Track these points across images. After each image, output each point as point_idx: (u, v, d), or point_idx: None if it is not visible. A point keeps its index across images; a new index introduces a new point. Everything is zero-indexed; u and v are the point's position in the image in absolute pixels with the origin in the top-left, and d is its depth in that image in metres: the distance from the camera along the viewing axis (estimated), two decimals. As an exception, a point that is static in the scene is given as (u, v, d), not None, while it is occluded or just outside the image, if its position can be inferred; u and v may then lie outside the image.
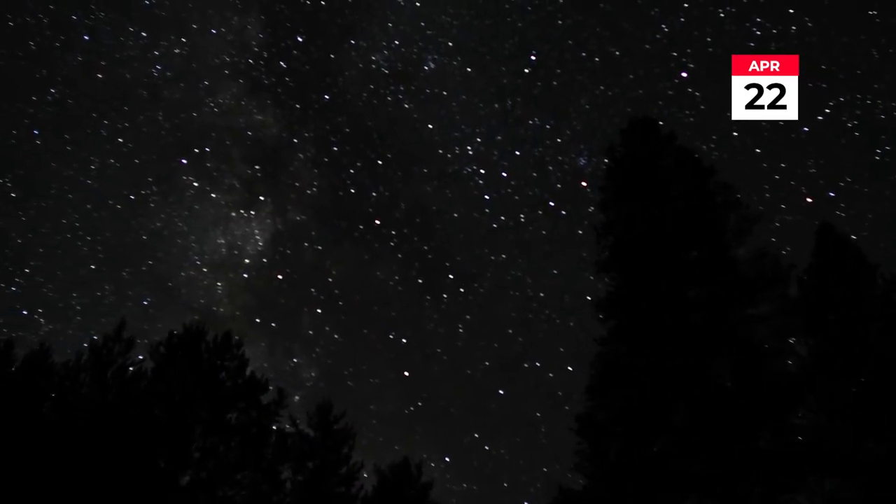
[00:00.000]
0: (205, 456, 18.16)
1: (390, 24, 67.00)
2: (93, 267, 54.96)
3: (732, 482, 15.31)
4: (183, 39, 63.98)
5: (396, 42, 66.73)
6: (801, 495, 15.86)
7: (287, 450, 18.89)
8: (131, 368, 18.46)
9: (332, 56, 68.57)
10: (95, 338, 18.83)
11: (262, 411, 18.62)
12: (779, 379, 15.98)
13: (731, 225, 16.35)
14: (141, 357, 18.94)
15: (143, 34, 62.01)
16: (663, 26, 52.40)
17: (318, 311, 59.18)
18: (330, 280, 63.64)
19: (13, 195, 54.53)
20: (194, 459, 18.18)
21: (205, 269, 59.38)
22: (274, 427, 18.71)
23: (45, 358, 18.83)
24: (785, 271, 16.18)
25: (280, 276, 61.17)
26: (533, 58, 58.62)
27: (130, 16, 63.71)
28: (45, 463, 16.73)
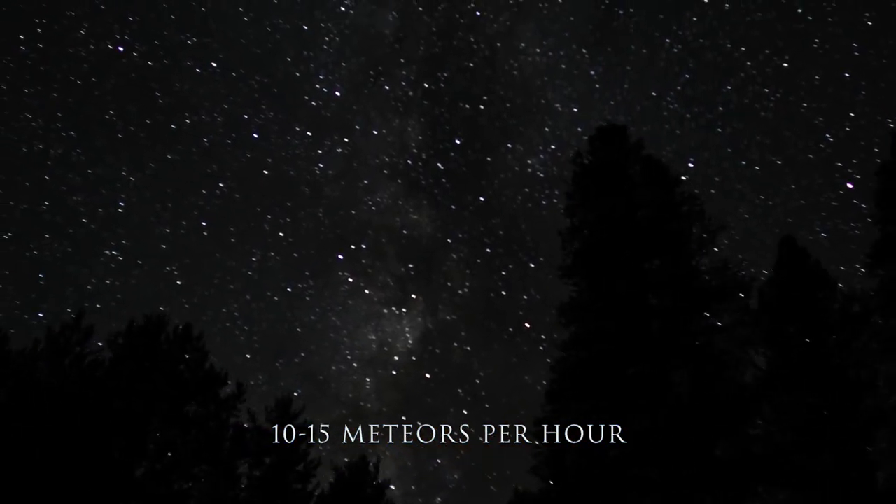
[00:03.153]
0: (161, 448, 17.92)
1: (547, 129, 66.25)
2: (248, 356, 55.42)
3: (686, 490, 15.41)
4: (346, 139, 66.20)
5: (553, 146, 65.10)
6: (754, 505, 16.03)
7: (245, 444, 18.75)
8: (89, 358, 18.11)
9: (489, 158, 68.52)
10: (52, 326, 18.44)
11: (220, 405, 18.43)
12: (736, 389, 16.10)
13: (695, 235, 16.44)
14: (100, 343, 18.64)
15: (308, 133, 64.68)
16: (827, 135, 50.81)
17: (464, 412, 57.06)
18: (477, 381, 61.74)
19: (178, 283, 55.35)
20: (150, 451, 17.93)
21: (355, 364, 60.18)
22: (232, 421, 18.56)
23: (2, 345, 18.42)
24: (746, 283, 16.30)
25: (428, 375, 59.73)
26: (691, 165, 55.40)
27: (297, 116, 65.66)
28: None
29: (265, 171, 62.05)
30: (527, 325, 64.04)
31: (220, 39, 62.32)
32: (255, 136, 61.74)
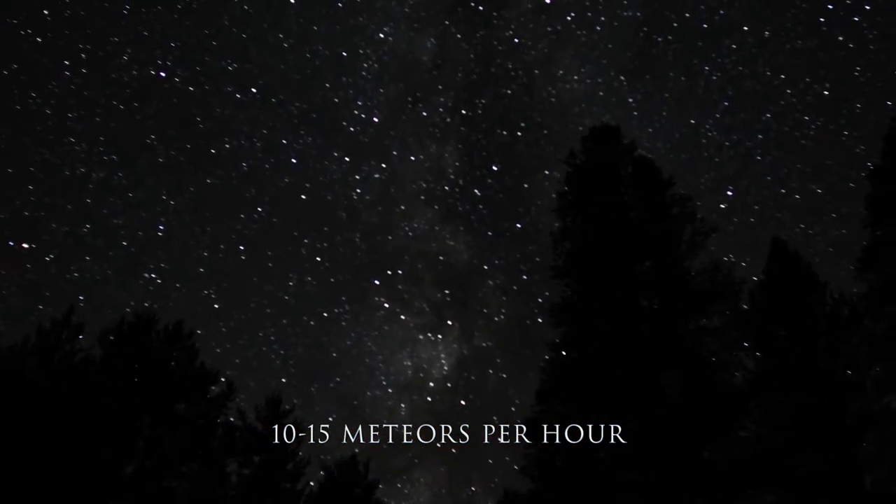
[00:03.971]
0: (151, 446, 17.84)
1: (581, 154, 66.92)
2: (283, 380, 55.75)
3: (675, 492, 15.43)
4: (383, 165, 65.97)
5: (585, 171, 66.33)
6: (743, 507, 16.04)
7: (234, 443, 18.70)
8: (79, 355, 18.01)
9: (526, 185, 67.77)
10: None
11: (210, 403, 18.38)
12: (726, 391, 16.14)
13: (686, 236, 16.45)
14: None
15: (346, 159, 64.69)
16: (869, 164, 50.15)
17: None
18: (513, 409, 58.97)
19: (216, 306, 55.46)
20: (140, 449, 17.86)
21: (390, 390, 59.61)
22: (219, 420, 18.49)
23: (-10, 340, 18.31)
24: (737, 285, 16.33)
25: (463, 402, 58.87)
26: (730, 193, 55.76)
27: (336, 141, 66.22)
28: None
29: (303, 196, 62.61)
30: (563, 352, 63.94)
31: (260, 65, 62.90)
32: (294, 161, 62.45)
